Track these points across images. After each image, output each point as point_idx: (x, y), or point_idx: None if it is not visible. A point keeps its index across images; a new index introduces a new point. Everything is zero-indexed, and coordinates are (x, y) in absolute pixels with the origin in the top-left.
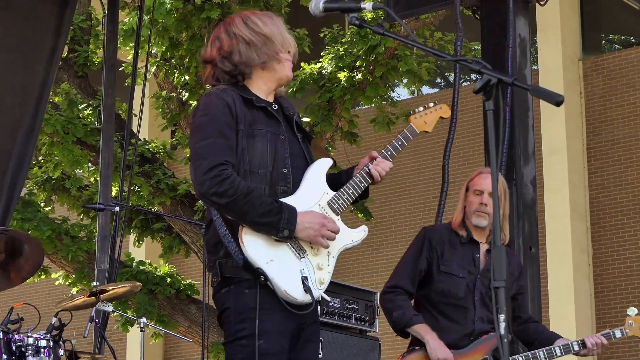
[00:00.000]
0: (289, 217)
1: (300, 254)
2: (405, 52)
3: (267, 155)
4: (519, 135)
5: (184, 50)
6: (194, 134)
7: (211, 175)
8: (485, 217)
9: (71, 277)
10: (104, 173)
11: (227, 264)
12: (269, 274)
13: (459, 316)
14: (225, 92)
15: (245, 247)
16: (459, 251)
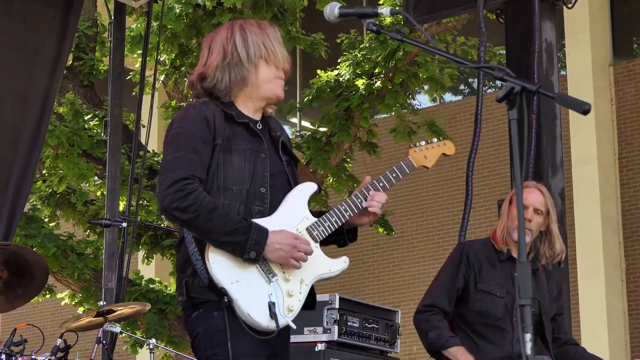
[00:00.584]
0: (257, 238)
1: (270, 278)
2: (427, 58)
3: (245, 172)
4: (546, 145)
5: (194, 58)
6: (165, 147)
7: (174, 189)
8: (527, 234)
9: (77, 297)
10: (111, 187)
11: (193, 284)
12: (232, 295)
13: (497, 337)
14: (205, 105)
15: (210, 265)
16: (498, 269)
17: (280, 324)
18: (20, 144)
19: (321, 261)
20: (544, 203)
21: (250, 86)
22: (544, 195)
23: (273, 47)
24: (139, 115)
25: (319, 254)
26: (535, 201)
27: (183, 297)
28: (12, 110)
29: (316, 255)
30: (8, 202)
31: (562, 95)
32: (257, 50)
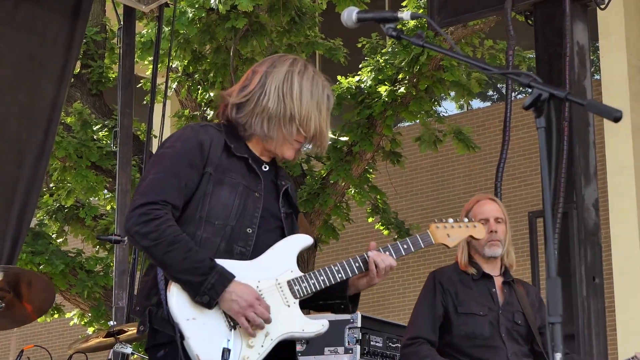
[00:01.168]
0: (216, 283)
1: (232, 323)
2: (452, 62)
3: (232, 209)
4: (579, 153)
5: (207, 64)
6: (149, 165)
7: (139, 212)
8: (498, 245)
9: (87, 316)
10: (121, 201)
11: (156, 314)
12: (185, 332)
13: (490, 356)
14: (204, 129)
15: (170, 297)
16: (474, 289)
17: None
18: (25, 159)
19: (295, 319)
20: (501, 211)
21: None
22: (497, 203)
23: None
24: (150, 125)
25: (295, 311)
26: (493, 211)
27: (145, 327)
28: (17, 124)
29: (291, 312)
30: (13, 220)
31: (592, 102)
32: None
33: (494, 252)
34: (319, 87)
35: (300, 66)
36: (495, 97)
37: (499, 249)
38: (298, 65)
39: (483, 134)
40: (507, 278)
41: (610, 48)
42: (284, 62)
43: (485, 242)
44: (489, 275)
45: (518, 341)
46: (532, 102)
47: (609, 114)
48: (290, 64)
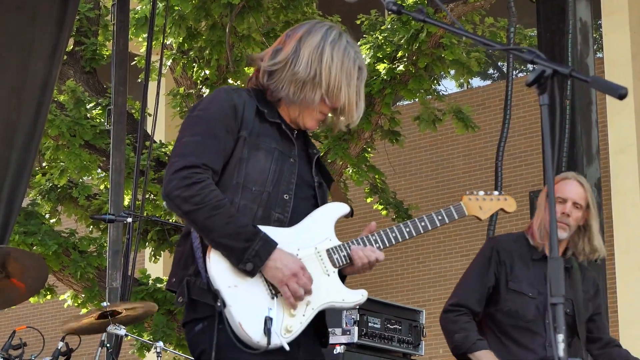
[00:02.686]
0: (260, 250)
1: (274, 292)
2: (452, 39)
3: (269, 174)
4: (581, 132)
5: (203, 41)
6: (182, 128)
7: (181, 175)
8: (565, 229)
9: (80, 297)
10: (115, 180)
11: (195, 284)
12: (227, 300)
13: (528, 340)
14: (237, 92)
15: (209, 263)
16: (530, 268)
17: (273, 344)
18: (16, 139)
19: (336, 288)
20: (584, 196)
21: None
22: (584, 187)
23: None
24: (144, 103)
25: (335, 280)
26: (574, 194)
27: (184, 298)
28: (7, 103)
29: (331, 281)
30: (4, 201)
31: (596, 78)
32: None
33: (559, 235)
34: (351, 57)
35: (335, 35)
36: (496, 76)
37: (564, 233)
38: (332, 34)
39: (483, 113)
40: (567, 264)
41: (613, 26)
42: (319, 29)
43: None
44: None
45: None
46: (535, 79)
47: (614, 91)
48: (324, 32)
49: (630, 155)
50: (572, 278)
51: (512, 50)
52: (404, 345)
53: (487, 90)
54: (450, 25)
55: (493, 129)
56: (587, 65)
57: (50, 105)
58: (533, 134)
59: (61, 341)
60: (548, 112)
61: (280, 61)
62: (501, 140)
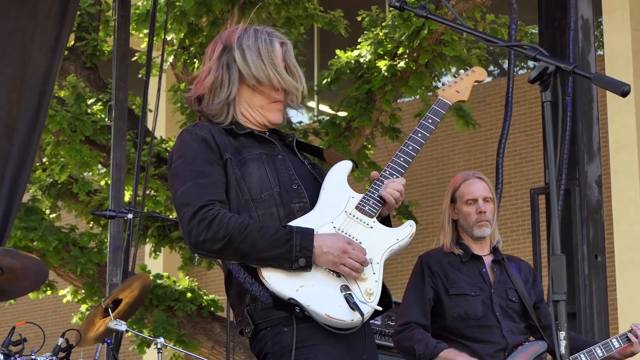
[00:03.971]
0: (303, 242)
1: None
2: (453, 36)
3: (268, 177)
4: (582, 130)
5: (204, 37)
6: (171, 181)
7: (196, 221)
8: (487, 226)
9: (80, 293)
10: (115, 176)
11: (256, 309)
12: (302, 302)
13: (486, 335)
14: (198, 127)
15: (268, 282)
16: (464, 270)
17: (365, 312)
18: (16, 134)
19: (385, 234)
20: (489, 189)
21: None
22: (485, 181)
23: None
24: (145, 99)
25: (380, 228)
26: (482, 190)
27: (251, 326)
28: (8, 98)
29: (377, 230)
30: (4, 196)
31: (599, 75)
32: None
33: (483, 233)
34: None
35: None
36: (496, 73)
37: (488, 229)
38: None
39: (484, 110)
40: (497, 257)
41: (614, 23)
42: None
43: (474, 223)
44: (478, 256)
45: (514, 318)
46: (537, 76)
47: (617, 88)
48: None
49: (630, 153)
50: (508, 270)
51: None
52: None
53: (487, 87)
54: (452, 22)
55: (493, 126)
56: (588, 63)
57: (51, 100)
58: (534, 131)
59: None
60: (550, 109)
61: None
62: (502, 137)
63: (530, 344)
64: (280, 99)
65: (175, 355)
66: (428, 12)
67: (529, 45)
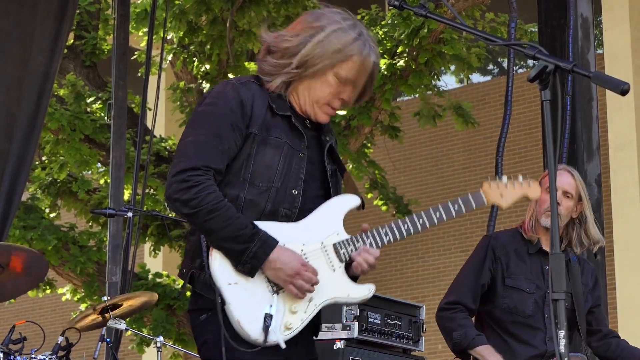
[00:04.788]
0: (258, 251)
1: (275, 288)
2: (453, 35)
3: (277, 170)
4: (582, 128)
5: (203, 36)
6: (190, 123)
7: (180, 178)
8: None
9: (79, 292)
10: (115, 174)
11: (199, 278)
12: (226, 297)
13: (528, 336)
14: (245, 86)
15: (212, 260)
16: (527, 263)
17: (269, 341)
18: (15, 132)
19: (341, 283)
20: (574, 186)
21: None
22: (574, 178)
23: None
24: (144, 97)
25: (341, 275)
26: (564, 184)
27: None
28: (7, 96)
29: (337, 276)
30: (3, 195)
31: (598, 74)
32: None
33: (548, 223)
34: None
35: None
36: (496, 71)
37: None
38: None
39: (483, 109)
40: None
41: (613, 22)
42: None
43: (544, 210)
44: (545, 252)
45: None
46: (537, 74)
47: (616, 87)
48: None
49: (630, 151)
50: (570, 271)
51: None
52: (403, 340)
53: (487, 86)
54: (452, 21)
55: (493, 125)
56: (588, 61)
57: (50, 98)
58: (533, 129)
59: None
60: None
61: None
62: (502, 135)
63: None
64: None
65: (175, 354)
66: (427, 11)
67: (529, 43)
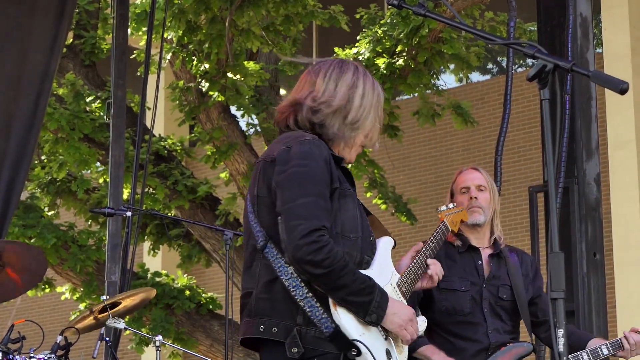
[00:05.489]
0: (381, 301)
1: (386, 333)
2: (452, 34)
3: (357, 220)
4: (581, 128)
5: (203, 35)
6: (290, 184)
7: (309, 241)
8: (480, 212)
9: (78, 291)
10: (114, 173)
11: (308, 333)
12: (362, 348)
13: (471, 333)
14: (323, 145)
15: (339, 316)
16: (458, 262)
17: None
18: (13, 132)
19: None
20: (483, 179)
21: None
22: (480, 171)
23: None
24: (144, 96)
25: None
26: (474, 180)
27: (299, 348)
28: (5, 95)
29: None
30: (1, 194)
31: (597, 73)
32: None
33: (475, 219)
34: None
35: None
36: (495, 71)
37: (481, 216)
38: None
39: (482, 108)
40: (496, 250)
41: (613, 21)
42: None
43: (467, 209)
44: (476, 248)
45: (501, 317)
46: (536, 73)
47: (615, 86)
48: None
49: (629, 151)
50: (507, 264)
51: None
52: None
53: (486, 85)
54: (451, 20)
55: (492, 124)
56: (587, 60)
57: (49, 98)
58: (532, 129)
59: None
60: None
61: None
62: (501, 134)
63: (514, 345)
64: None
65: (174, 353)
66: (426, 10)
67: (528, 42)
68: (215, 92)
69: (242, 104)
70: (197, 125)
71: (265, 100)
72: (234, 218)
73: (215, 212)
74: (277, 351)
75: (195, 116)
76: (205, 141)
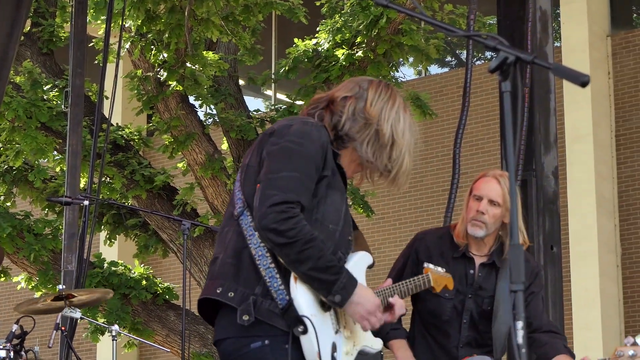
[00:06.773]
0: (347, 284)
1: (338, 328)
2: (412, 26)
3: (342, 214)
4: (539, 121)
5: (162, 25)
6: (278, 157)
7: (278, 210)
8: (481, 227)
9: (34, 280)
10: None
11: (262, 304)
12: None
13: (444, 341)
14: (324, 131)
15: (295, 290)
16: (450, 267)
17: None
18: None
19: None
20: (501, 194)
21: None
22: (501, 185)
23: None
24: (102, 85)
25: None
26: (490, 192)
27: (250, 317)
28: None
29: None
30: None
31: (558, 66)
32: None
33: (475, 232)
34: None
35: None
36: (454, 63)
37: (481, 231)
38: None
39: (440, 100)
40: (489, 260)
41: (571, 15)
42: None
43: (470, 219)
44: (470, 257)
45: (479, 330)
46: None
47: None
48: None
49: (586, 144)
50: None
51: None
52: None
53: (444, 78)
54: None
55: (450, 117)
56: (546, 54)
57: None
58: (490, 121)
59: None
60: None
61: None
62: (460, 127)
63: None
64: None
65: (130, 342)
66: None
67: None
68: (173, 82)
69: (201, 94)
70: (155, 114)
71: (223, 91)
72: (192, 208)
73: (173, 202)
74: (229, 317)
75: (153, 105)
76: (163, 131)
